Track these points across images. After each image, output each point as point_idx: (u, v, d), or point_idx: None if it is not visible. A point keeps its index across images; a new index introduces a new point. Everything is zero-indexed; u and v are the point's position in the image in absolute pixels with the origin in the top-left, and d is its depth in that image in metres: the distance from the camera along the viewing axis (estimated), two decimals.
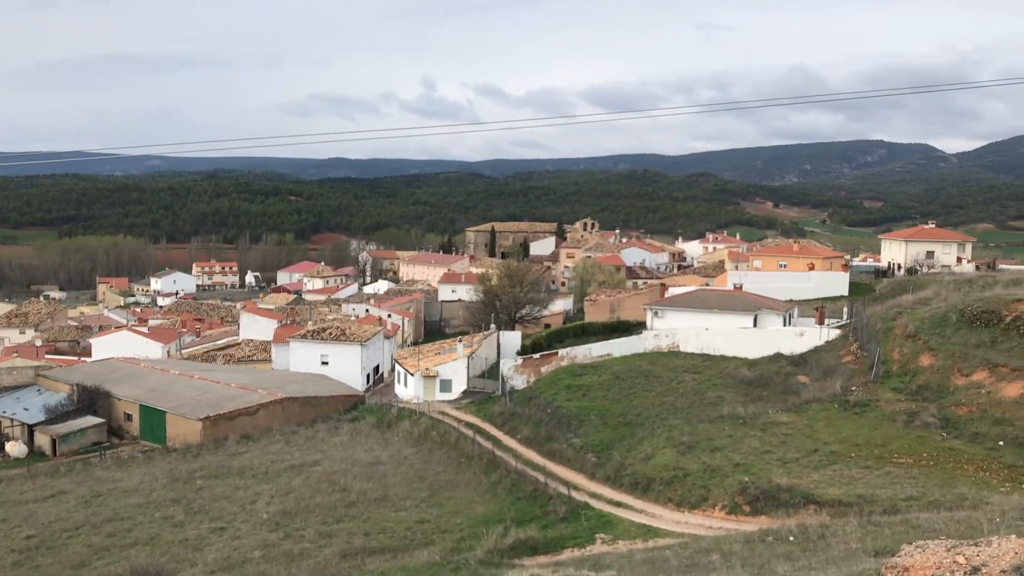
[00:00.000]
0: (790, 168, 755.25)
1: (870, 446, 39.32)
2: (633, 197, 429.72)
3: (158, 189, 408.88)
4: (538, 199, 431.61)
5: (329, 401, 67.83)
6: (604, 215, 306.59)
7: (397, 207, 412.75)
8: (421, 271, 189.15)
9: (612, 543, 32.38)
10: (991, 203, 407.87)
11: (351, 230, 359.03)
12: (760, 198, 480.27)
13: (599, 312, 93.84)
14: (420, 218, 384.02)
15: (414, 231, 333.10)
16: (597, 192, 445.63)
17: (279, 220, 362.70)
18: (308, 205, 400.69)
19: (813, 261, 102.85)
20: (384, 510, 41.34)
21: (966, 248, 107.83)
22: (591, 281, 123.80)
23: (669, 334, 64.76)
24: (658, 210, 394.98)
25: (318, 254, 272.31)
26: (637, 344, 65.31)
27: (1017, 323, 47.40)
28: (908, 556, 10.28)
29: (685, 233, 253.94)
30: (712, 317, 65.80)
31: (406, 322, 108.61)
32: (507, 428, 53.69)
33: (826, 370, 53.56)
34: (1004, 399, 41.30)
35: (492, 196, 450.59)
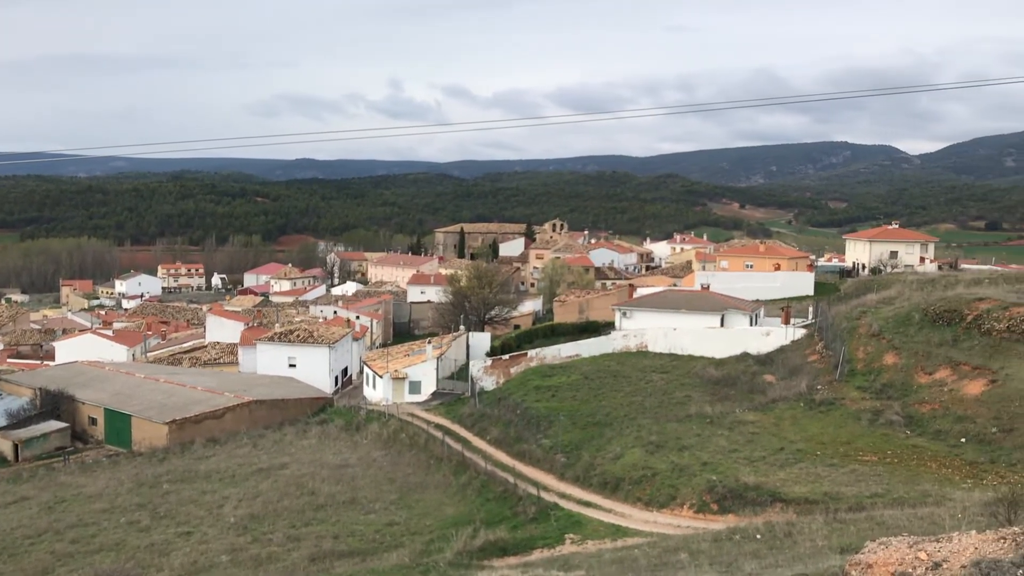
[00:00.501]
0: (756, 169, 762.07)
1: (835, 444, 39.77)
2: (602, 198, 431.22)
3: (123, 190, 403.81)
4: (507, 200, 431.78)
5: (297, 404, 67.36)
6: (573, 216, 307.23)
7: (365, 208, 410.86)
8: (390, 272, 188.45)
9: (581, 543, 32.48)
10: (953, 204, 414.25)
11: (319, 231, 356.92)
12: (727, 199, 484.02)
13: (568, 313, 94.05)
14: (389, 219, 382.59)
15: (383, 232, 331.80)
16: (566, 193, 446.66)
17: (246, 221, 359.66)
18: (275, 206, 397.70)
19: (779, 261, 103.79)
20: (353, 513, 41.15)
21: (929, 248, 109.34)
22: (560, 282, 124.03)
23: (637, 334, 65.09)
24: (626, 211, 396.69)
25: (285, 256, 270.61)
26: (606, 344, 65.57)
27: (978, 322, 48.16)
28: (871, 553, 10.41)
29: (653, 234, 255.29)
30: (680, 317, 66.22)
31: (375, 324, 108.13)
32: (476, 429, 53.66)
33: (792, 369, 54.09)
34: (966, 397, 41.95)
35: (461, 197, 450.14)
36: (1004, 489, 19.59)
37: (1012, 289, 56.42)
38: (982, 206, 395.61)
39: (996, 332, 46.22)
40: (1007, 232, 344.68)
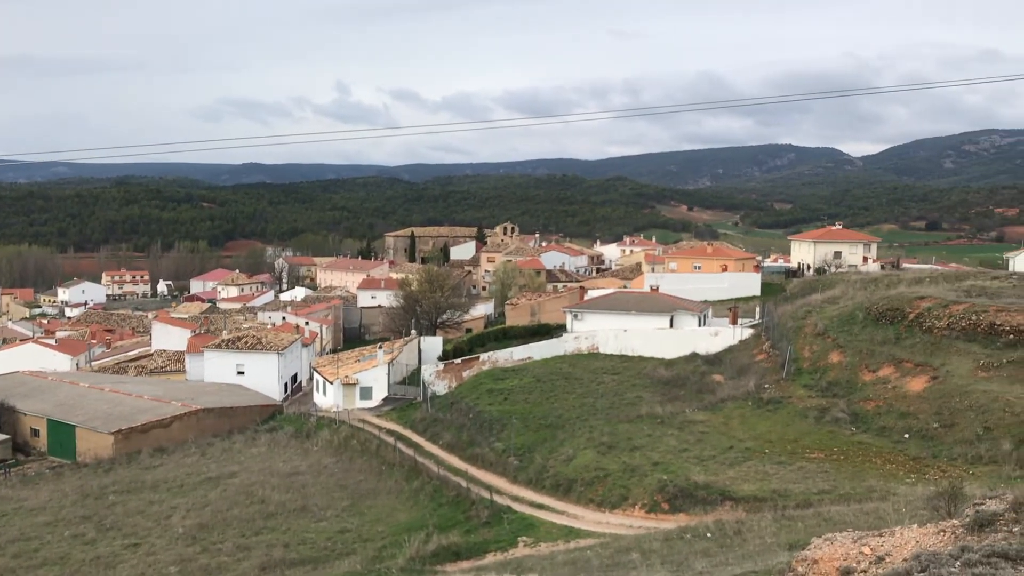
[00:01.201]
0: (703, 172, 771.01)
1: (783, 442, 40.37)
2: (552, 201, 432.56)
3: (64, 196, 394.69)
4: (458, 204, 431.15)
5: (246, 411, 66.55)
6: (524, 219, 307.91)
7: (314, 213, 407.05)
8: (339, 277, 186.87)
9: (534, 545, 32.55)
10: (894, 204, 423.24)
11: (267, 236, 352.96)
12: (675, 201, 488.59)
13: (520, 316, 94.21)
14: (338, 223, 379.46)
15: (332, 237, 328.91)
16: (517, 196, 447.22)
17: (192, 227, 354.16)
18: (222, 212, 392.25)
19: (726, 262, 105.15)
20: (304, 521, 40.76)
21: (871, 248, 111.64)
22: (512, 285, 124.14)
23: (589, 336, 65.46)
24: (577, 214, 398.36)
25: (233, 261, 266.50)
26: (558, 347, 65.82)
27: (920, 320, 49.28)
28: (817, 549, 10.59)
29: (603, 236, 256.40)
30: (630, 319, 66.76)
31: (324, 329, 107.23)
32: (429, 434, 53.50)
33: (740, 369, 54.81)
34: (909, 393, 42.87)
35: (411, 201, 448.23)
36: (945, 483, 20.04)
37: (952, 287, 57.79)
38: (922, 207, 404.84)
39: (937, 330, 47.33)
40: (947, 232, 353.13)
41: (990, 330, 44.84)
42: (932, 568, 8.41)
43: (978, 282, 61.12)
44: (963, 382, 41.02)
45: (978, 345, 44.45)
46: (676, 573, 20.97)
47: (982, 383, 40.34)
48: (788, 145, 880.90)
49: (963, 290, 55.03)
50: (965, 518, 11.22)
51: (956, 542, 9.90)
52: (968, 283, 60.48)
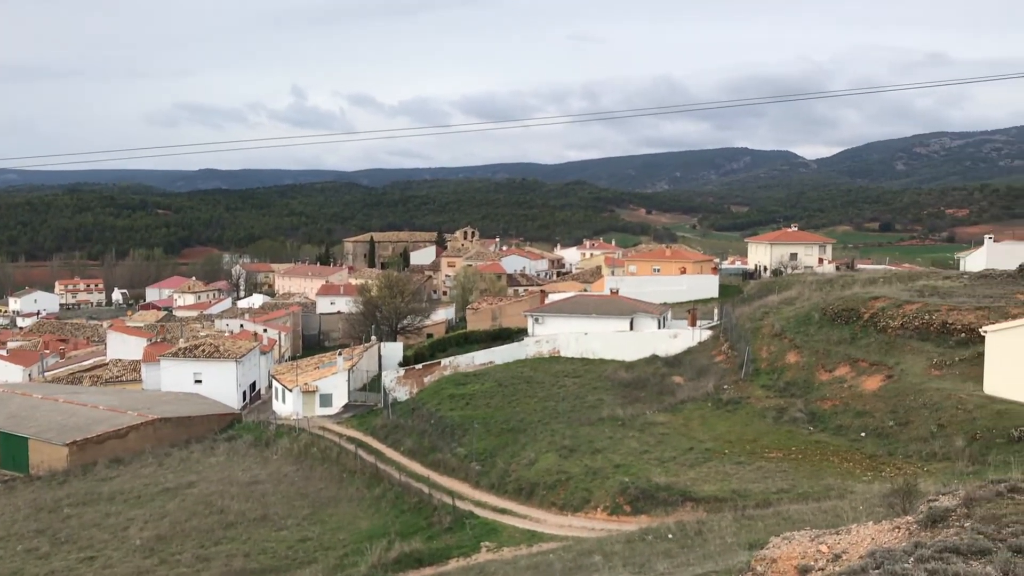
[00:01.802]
0: (661, 176, 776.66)
1: (742, 442, 40.78)
2: (512, 205, 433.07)
3: (15, 204, 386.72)
4: (417, 208, 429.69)
5: (204, 420, 65.70)
6: (484, 223, 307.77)
7: (271, 218, 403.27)
8: (298, 283, 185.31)
9: (497, 550, 32.52)
10: (848, 206, 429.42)
11: (223, 243, 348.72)
12: (634, 205, 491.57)
13: (481, 320, 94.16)
14: (296, 229, 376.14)
15: (290, 243, 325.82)
16: (476, 201, 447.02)
17: (147, 235, 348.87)
18: (177, 218, 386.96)
19: (685, 265, 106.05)
20: (264, 530, 40.34)
21: (827, 249, 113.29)
22: (473, 289, 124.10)
23: (550, 340, 65.61)
24: (537, 218, 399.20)
25: (189, 269, 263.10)
26: (519, 351, 65.87)
27: (874, 320, 50.10)
28: (776, 548, 10.70)
29: (563, 240, 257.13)
30: (591, 322, 67.03)
31: (283, 336, 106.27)
32: (390, 441, 53.24)
33: (699, 370, 55.28)
34: (864, 392, 43.54)
35: (370, 206, 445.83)
36: (900, 480, 20.38)
37: (905, 288, 58.82)
38: (876, 208, 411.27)
39: (891, 329, 48.15)
40: (900, 233, 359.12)
41: (942, 329, 45.73)
42: (886, 565, 8.54)
43: (930, 282, 62.27)
44: (917, 380, 41.75)
45: (931, 344, 45.30)
46: (638, 574, 21.07)
47: (935, 381, 41.11)
48: (744, 148, 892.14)
49: (916, 290, 56.02)
50: (919, 514, 11.40)
51: (910, 538, 10.06)
52: (921, 283, 61.59)
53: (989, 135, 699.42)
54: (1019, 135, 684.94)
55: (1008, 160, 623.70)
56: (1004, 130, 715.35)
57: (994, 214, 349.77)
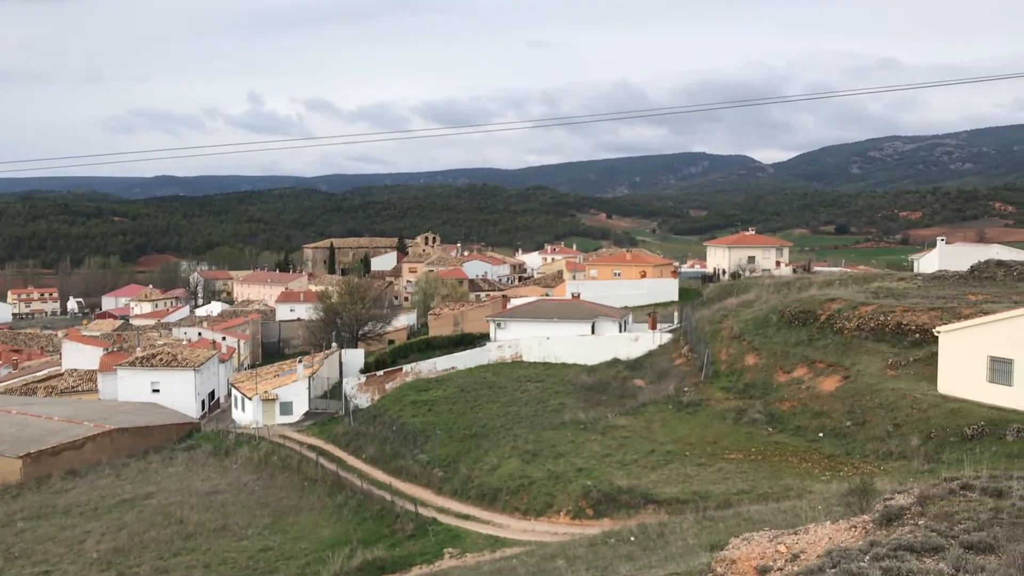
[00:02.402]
0: (621, 180, 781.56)
1: (703, 444, 41.10)
2: (473, 211, 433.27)
3: None
4: (378, 214, 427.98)
5: (162, 430, 64.77)
6: (445, 229, 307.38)
7: (230, 225, 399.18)
8: (257, 291, 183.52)
9: (460, 557, 32.43)
10: (804, 209, 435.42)
11: (181, 250, 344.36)
12: (594, 210, 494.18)
13: (443, 326, 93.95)
14: (254, 236, 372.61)
15: (248, 249, 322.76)
16: (437, 206, 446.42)
17: (103, 242, 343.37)
18: (134, 226, 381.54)
19: (645, 269, 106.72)
20: (225, 540, 39.82)
21: (783, 252, 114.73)
22: (434, 295, 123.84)
23: (512, 344, 65.67)
24: (498, 223, 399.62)
25: (146, 277, 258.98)
26: (481, 356, 65.84)
27: (831, 321, 50.79)
28: (735, 549, 10.80)
29: (525, 245, 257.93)
30: (552, 326, 67.21)
31: (242, 344, 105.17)
32: (352, 448, 52.89)
33: (660, 373, 55.63)
34: (822, 393, 44.11)
35: (330, 212, 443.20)
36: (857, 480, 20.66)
37: (860, 289, 59.72)
38: (831, 211, 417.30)
39: (847, 331, 48.85)
40: (855, 235, 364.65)
41: (897, 330, 46.48)
42: (843, 563, 8.67)
43: (885, 283, 63.32)
44: (873, 381, 42.38)
45: (886, 344, 46.01)
46: None
47: (891, 381, 41.76)
48: (702, 153, 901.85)
49: (871, 292, 56.91)
50: (875, 513, 11.58)
51: (866, 537, 10.22)
52: (876, 285, 62.60)
53: (940, 139, 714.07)
54: (969, 139, 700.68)
55: (959, 163, 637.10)
56: (955, 134, 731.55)
57: (946, 216, 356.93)
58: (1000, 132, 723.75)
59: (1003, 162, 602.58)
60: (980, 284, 57.38)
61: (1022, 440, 31.97)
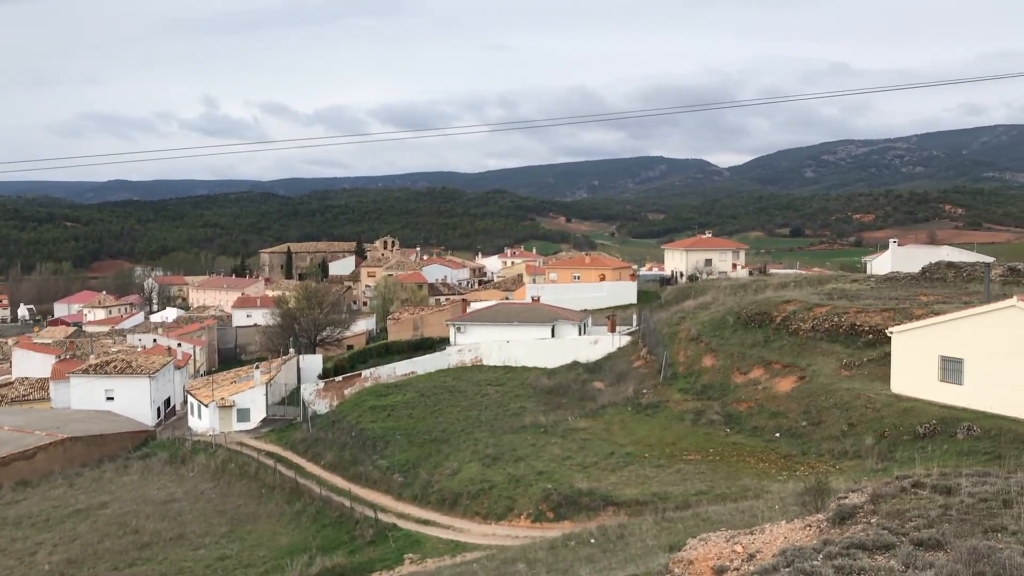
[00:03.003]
0: (580, 184, 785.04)
1: (662, 445, 41.38)
2: (433, 214, 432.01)
3: None
4: (336, 218, 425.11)
5: (116, 439, 63.76)
6: (404, 233, 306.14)
7: (185, 230, 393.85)
8: (213, 296, 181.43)
9: (420, 562, 32.31)
10: (760, 213, 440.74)
11: (135, 256, 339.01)
12: (554, 213, 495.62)
13: (403, 330, 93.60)
14: (210, 241, 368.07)
15: (204, 254, 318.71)
16: (396, 210, 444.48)
17: (54, 248, 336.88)
18: (87, 231, 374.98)
19: (604, 272, 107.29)
20: (181, 549, 39.30)
21: (740, 255, 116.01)
22: (393, 299, 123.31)
23: (472, 348, 65.61)
24: (458, 227, 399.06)
25: (99, 283, 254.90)
26: (441, 360, 65.69)
27: (786, 322, 51.46)
28: (692, 549, 10.89)
29: (484, 249, 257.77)
30: (513, 330, 67.28)
31: (198, 350, 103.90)
32: (310, 454, 52.47)
33: (619, 375, 55.94)
34: (778, 394, 44.65)
35: (287, 216, 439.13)
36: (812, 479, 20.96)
37: (815, 291, 60.56)
38: (786, 214, 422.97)
39: (802, 332, 49.52)
40: (809, 238, 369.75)
41: (851, 330, 47.20)
42: (797, 562, 8.79)
43: (839, 285, 64.32)
44: (828, 381, 42.99)
45: (840, 345, 46.71)
46: None
47: (845, 381, 42.39)
48: (659, 157, 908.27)
49: (825, 293, 57.73)
50: (829, 512, 11.76)
51: (820, 536, 10.37)
52: (830, 286, 63.55)
53: (892, 143, 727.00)
54: (920, 143, 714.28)
55: (910, 167, 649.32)
56: (906, 138, 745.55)
57: (898, 219, 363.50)
58: (949, 136, 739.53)
59: (952, 165, 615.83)
60: (931, 285, 58.50)
61: (972, 438, 32.64)
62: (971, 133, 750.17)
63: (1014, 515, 10.35)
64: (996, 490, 11.61)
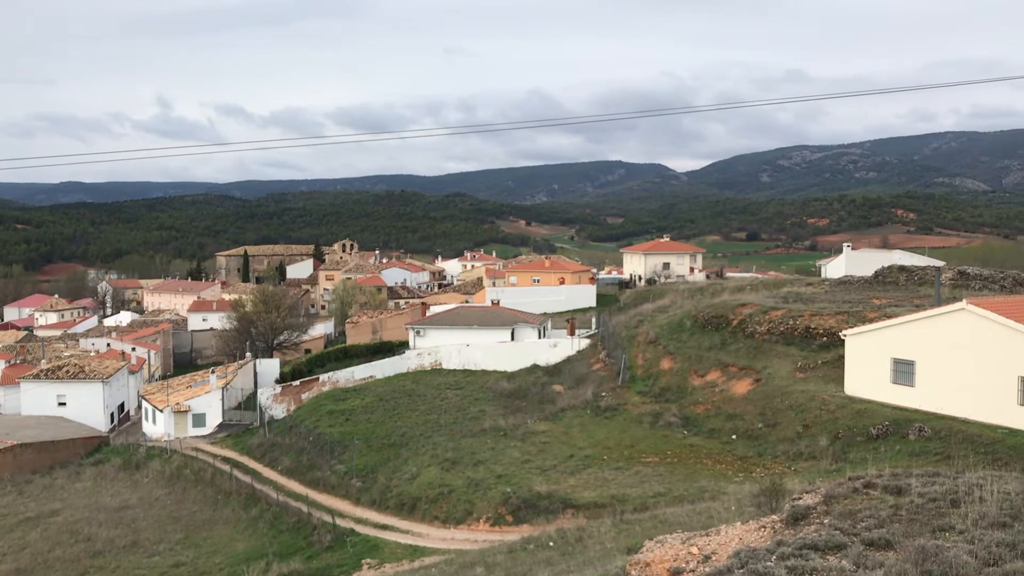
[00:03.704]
0: (539, 187, 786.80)
1: (620, 448, 41.60)
2: (392, 217, 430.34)
3: None
4: (294, 221, 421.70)
5: (68, 445, 62.60)
6: (363, 236, 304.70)
7: (140, 233, 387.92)
8: (168, 300, 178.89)
9: (379, 567, 32.14)
10: (717, 217, 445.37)
11: (88, 259, 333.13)
12: (513, 216, 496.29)
13: (361, 334, 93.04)
14: (166, 244, 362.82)
15: (159, 257, 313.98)
16: (355, 213, 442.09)
17: (5, 251, 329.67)
18: (38, 233, 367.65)
19: (564, 275, 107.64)
20: (135, 557, 38.71)
21: (697, 259, 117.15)
22: (352, 303, 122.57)
23: (432, 352, 65.41)
24: (417, 230, 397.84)
25: (52, 286, 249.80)
26: (400, 364, 65.41)
27: (743, 325, 52.04)
28: (649, 551, 10.97)
29: (444, 252, 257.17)
30: (472, 333, 67.18)
31: (153, 355, 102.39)
32: (267, 460, 51.96)
33: (578, 378, 56.13)
34: (735, 396, 45.13)
35: (244, 219, 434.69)
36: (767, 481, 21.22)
37: (771, 294, 61.31)
38: (743, 218, 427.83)
39: (758, 335, 50.11)
40: (765, 242, 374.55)
41: (806, 333, 47.87)
42: (750, 564, 8.90)
43: (794, 288, 65.17)
44: (783, 383, 43.55)
45: (796, 348, 47.34)
46: None
47: (800, 383, 42.98)
48: (618, 161, 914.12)
49: (781, 296, 58.48)
50: (783, 513, 11.91)
51: (774, 536, 10.50)
52: (785, 290, 64.36)
53: (846, 148, 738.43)
54: (873, 148, 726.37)
55: (864, 172, 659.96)
56: (859, 143, 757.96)
57: (852, 223, 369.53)
58: (901, 142, 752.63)
59: (904, 171, 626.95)
60: (884, 288, 59.51)
61: (923, 439, 33.26)
62: (922, 139, 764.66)
63: (962, 515, 10.57)
64: (945, 490, 11.85)
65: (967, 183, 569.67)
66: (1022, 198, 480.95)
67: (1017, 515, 10.30)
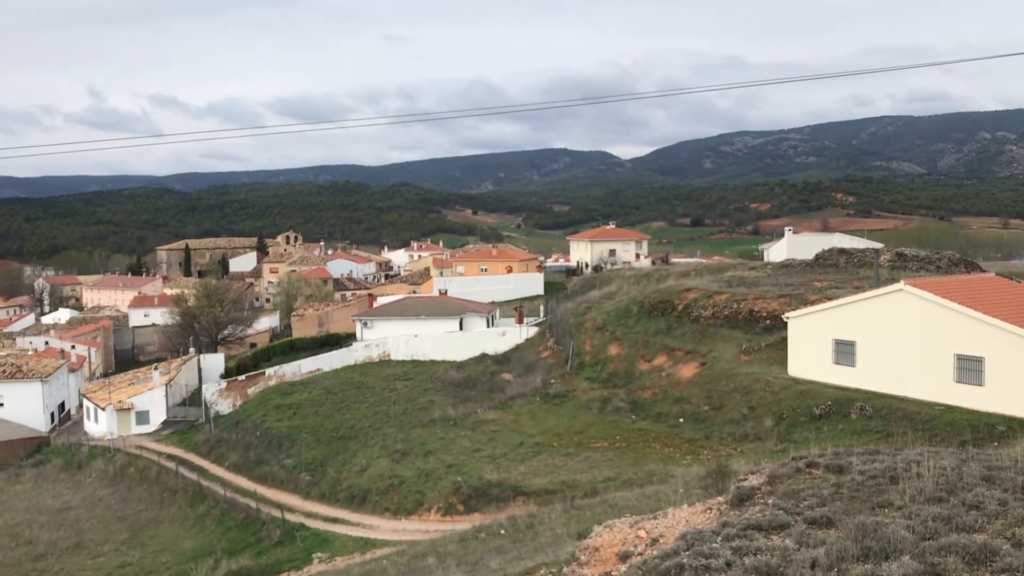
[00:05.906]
0: (486, 176, 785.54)
1: (570, 434, 41.89)
2: (337, 208, 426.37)
3: None
4: (236, 213, 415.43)
5: (6, 446, 61.17)
6: (308, 227, 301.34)
7: (77, 228, 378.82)
8: (108, 296, 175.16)
9: (329, 561, 31.96)
10: (662, 203, 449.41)
11: (24, 255, 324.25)
12: (460, 206, 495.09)
13: (307, 327, 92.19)
14: (104, 238, 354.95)
15: (98, 253, 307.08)
16: (299, 204, 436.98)
17: None
18: None
19: (511, 264, 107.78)
20: (79, 559, 37.97)
21: (643, 245, 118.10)
22: (297, 296, 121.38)
23: (380, 343, 65.07)
24: (363, 220, 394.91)
25: None
26: (348, 356, 64.98)
27: (688, 310, 52.66)
28: (598, 536, 11.06)
29: (390, 242, 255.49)
30: (420, 324, 66.99)
31: (93, 352, 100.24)
32: (214, 456, 51.29)
33: (527, 366, 56.34)
34: (681, 380, 45.68)
35: (185, 212, 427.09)
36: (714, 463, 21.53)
37: (715, 279, 62.11)
38: (687, 204, 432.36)
39: (703, 319, 50.76)
40: (709, 227, 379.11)
41: (750, 317, 48.63)
42: (696, 545, 9.02)
43: (738, 273, 66.15)
44: (728, 366, 44.21)
45: (740, 331, 48.07)
46: (471, 573, 21.24)
47: (745, 366, 43.67)
48: (563, 149, 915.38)
49: (725, 281, 59.30)
50: (729, 495, 12.09)
51: (720, 518, 10.66)
52: (729, 274, 65.29)
53: (786, 134, 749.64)
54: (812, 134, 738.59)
55: (804, 157, 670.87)
56: (799, 129, 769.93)
57: (793, 207, 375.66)
58: (840, 127, 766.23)
59: (843, 155, 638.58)
60: (824, 271, 60.67)
61: (865, 417, 34.04)
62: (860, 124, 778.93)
63: (900, 491, 10.84)
64: (884, 467, 12.14)
65: (904, 166, 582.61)
66: (956, 181, 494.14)
67: (952, 490, 10.59)
